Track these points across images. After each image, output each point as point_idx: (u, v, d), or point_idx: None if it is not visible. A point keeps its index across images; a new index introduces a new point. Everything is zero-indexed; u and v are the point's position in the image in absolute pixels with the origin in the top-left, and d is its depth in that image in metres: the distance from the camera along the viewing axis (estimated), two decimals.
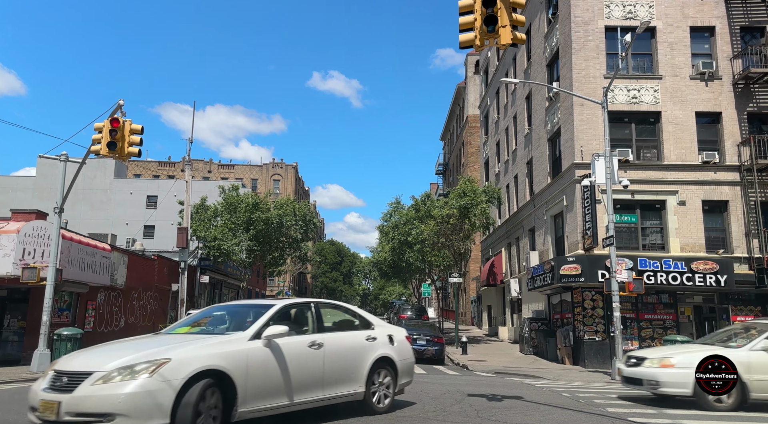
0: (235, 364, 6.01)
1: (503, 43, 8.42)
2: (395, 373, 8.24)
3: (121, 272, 26.20)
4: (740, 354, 9.36)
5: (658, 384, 9.55)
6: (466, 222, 28.20)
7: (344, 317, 8.34)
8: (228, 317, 7.66)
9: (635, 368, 10.19)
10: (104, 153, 12.86)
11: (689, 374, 8.90)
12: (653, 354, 10.28)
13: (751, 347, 9.65)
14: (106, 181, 51.16)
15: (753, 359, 9.38)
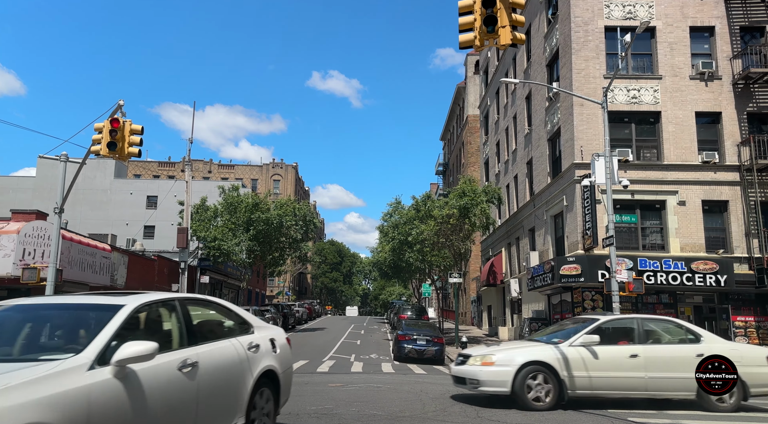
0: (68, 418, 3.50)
1: (503, 44, 8.43)
2: (277, 391, 6.07)
3: (122, 273, 26.24)
4: (558, 350, 9.07)
5: (479, 383, 9.17)
6: (466, 222, 28.18)
7: (217, 319, 5.93)
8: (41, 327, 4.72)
9: (461, 366, 9.69)
10: (104, 153, 12.87)
11: (509, 372, 8.85)
12: (477, 352, 9.84)
13: (570, 342, 9.20)
14: (106, 182, 51.16)
15: (571, 355, 9.01)
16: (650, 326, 9.81)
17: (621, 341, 9.38)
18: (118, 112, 13.32)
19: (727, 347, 9.26)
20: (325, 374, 15.48)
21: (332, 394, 10.31)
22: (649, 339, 9.50)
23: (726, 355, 8.18)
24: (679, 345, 9.51)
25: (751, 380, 9.02)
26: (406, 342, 21.10)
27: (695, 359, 8.30)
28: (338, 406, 8.81)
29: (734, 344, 10.04)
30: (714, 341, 9.50)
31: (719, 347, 9.10)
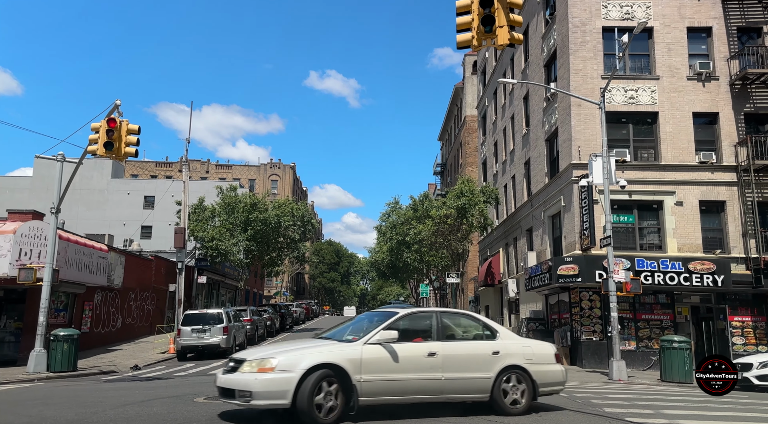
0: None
1: (500, 44, 8.43)
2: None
3: (118, 273, 26.17)
4: (352, 350, 7.49)
5: (251, 395, 6.96)
6: (464, 222, 28.26)
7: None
8: None
9: (230, 374, 7.39)
10: (101, 153, 12.84)
11: (291, 379, 6.95)
12: (255, 355, 7.55)
13: (366, 340, 7.65)
14: (103, 182, 51.10)
15: (366, 355, 7.47)
16: (447, 320, 8.73)
17: (418, 337, 8.22)
18: (115, 112, 13.29)
19: (520, 344, 8.65)
20: None
21: None
22: (447, 335, 8.45)
23: (519, 352, 8.36)
24: (476, 342, 8.54)
25: (541, 378, 8.38)
26: None
27: (491, 357, 8.10)
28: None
29: (527, 340, 9.10)
30: (509, 338, 8.64)
31: (513, 343, 8.49)
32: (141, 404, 8.93)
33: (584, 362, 19.78)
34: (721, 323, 20.66)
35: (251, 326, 26.33)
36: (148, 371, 17.77)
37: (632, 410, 9.10)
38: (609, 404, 9.77)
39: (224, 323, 21.18)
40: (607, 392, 12.05)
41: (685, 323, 20.59)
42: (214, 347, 20.87)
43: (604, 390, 12.61)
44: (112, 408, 8.53)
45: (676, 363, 15.80)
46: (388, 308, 9.68)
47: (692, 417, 8.64)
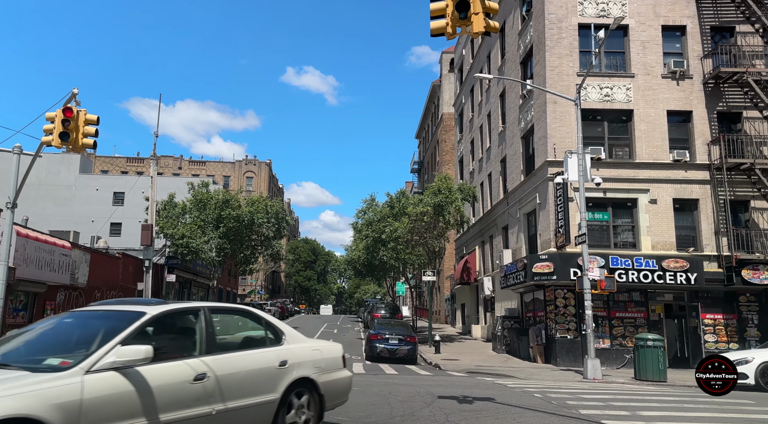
0: None
1: (476, 31, 8.06)
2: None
3: (83, 271, 25.24)
4: (62, 388, 4.27)
5: None
6: (441, 220, 27.97)
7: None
8: None
9: None
10: (56, 145, 12.15)
11: None
12: None
13: (90, 365, 4.58)
14: (70, 177, 49.59)
15: (92, 393, 4.43)
16: (219, 321, 6.19)
17: (177, 353, 5.39)
18: (72, 102, 12.60)
19: (309, 347, 6.66)
20: None
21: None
22: (219, 345, 5.80)
23: (308, 359, 6.40)
24: (258, 351, 6.07)
25: (331, 392, 6.59)
26: (378, 342, 20.76)
27: (277, 370, 5.93)
28: None
29: (315, 341, 7.15)
30: (296, 340, 6.57)
31: (302, 348, 6.50)
32: None
33: (558, 360, 19.67)
34: (693, 321, 20.77)
35: None
36: None
37: (608, 412, 8.87)
38: (585, 405, 9.54)
39: None
40: (582, 393, 11.85)
41: (659, 320, 20.65)
42: None
43: (579, 390, 12.41)
44: None
45: (651, 361, 15.74)
46: (127, 305, 5.64)
47: (669, 418, 8.44)
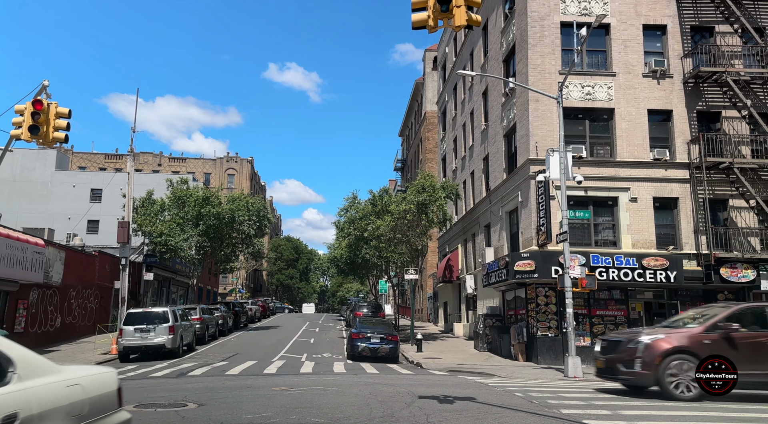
0: None
1: (457, 24, 7.91)
2: None
3: (57, 269, 24.66)
4: None
5: None
6: (424, 218, 27.86)
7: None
8: None
9: None
10: (26, 138, 11.74)
11: None
12: None
13: None
14: (46, 173, 48.54)
15: None
16: None
17: None
18: (42, 94, 12.19)
19: (62, 384, 4.17)
20: (272, 376, 14.72)
21: (274, 399, 9.61)
22: None
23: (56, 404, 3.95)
24: None
25: None
26: (359, 341, 20.57)
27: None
28: (277, 413, 8.14)
29: (76, 370, 4.58)
30: (36, 372, 4.02)
31: (45, 386, 3.99)
32: None
33: (540, 358, 19.68)
34: None
35: (201, 325, 25.25)
36: None
37: (590, 411, 8.80)
38: (566, 404, 9.46)
39: (170, 322, 20.13)
40: (563, 391, 11.80)
41: (639, 318, 20.75)
42: (158, 347, 19.81)
43: (561, 389, 12.36)
44: None
45: None
46: None
47: (650, 418, 8.39)
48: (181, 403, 9.07)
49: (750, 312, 11.15)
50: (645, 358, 10.28)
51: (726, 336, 10.26)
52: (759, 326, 10.73)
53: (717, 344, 10.17)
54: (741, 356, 9.90)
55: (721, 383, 6.65)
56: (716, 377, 6.68)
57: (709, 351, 9.88)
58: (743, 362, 9.80)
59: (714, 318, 10.73)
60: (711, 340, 10.24)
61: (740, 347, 10.17)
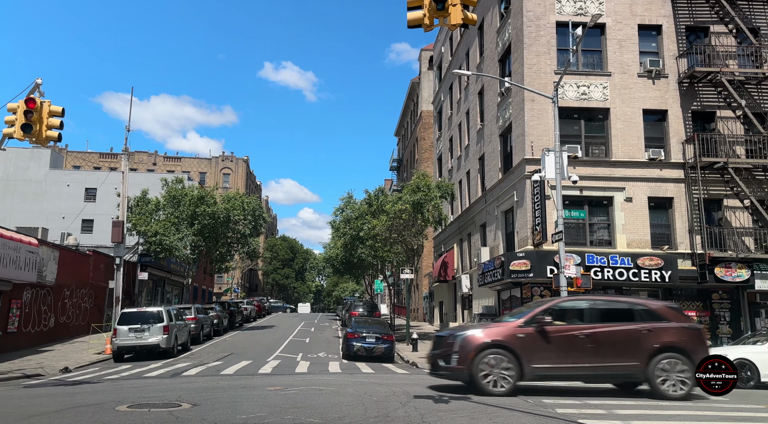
0: None
1: (453, 23, 7.90)
2: None
3: (51, 268, 24.51)
4: None
5: None
6: (419, 217, 27.88)
7: None
8: None
9: None
10: (18, 137, 11.65)
11: None
12: None
13: None
14: (40, 173, 48.31)
15: None
16: None
17: None
18: (35, 92, 12.10)
19: None
20: (267, 376, 14.67)
21: (269, 399, 9.57)
22: None
23: None
24: None
25: None
26: (355, 340, 20.57)
27: None
28: (272, 413, 8.10)
29: None
30: None
31: None
32: (51, 415, 7.99)
33: None
34: None
35: (196, 324, 25.17)
36: (79, 373, 16.56)
37: (585, 411, 8.79)
38: (561, 403, 9.45)
39: (165, 321, 20.05)
40: (558, 390, 11.79)
41: None
42: (153, 347, 19.73)
43: (556, 388, 12.35)
44: (15, 421, 7.56)
45: None
46: None
47: (645, 417, 8.39)
48: (175, 403, 9.02)
49: (565, 306, 11.08)
50: (461, 353, 10.14)
51: (540, 330, 10.16)
52: (575, 320, 10.63)
53: (531, 337, 10.11)
54: (554, 348, 10.03)
55: (721, 382, 6.64)
56: (716, 377, 6.66)
57: (523, 344, 9.93)
58: (556, 355, 10.10)
59: (530, 312, 10.65)
60: (525, 333, 10.15)
61: (553, 341, 10.12)
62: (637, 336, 10.22)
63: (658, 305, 11.17)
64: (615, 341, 10.25)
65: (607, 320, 10.56)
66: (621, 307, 11.05)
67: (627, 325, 10.44)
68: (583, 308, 10.98)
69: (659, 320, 10.53)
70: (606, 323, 10.47)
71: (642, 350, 10.08)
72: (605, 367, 10.17)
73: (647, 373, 10.03)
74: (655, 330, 10.26)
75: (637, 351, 10.09)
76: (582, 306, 11.09)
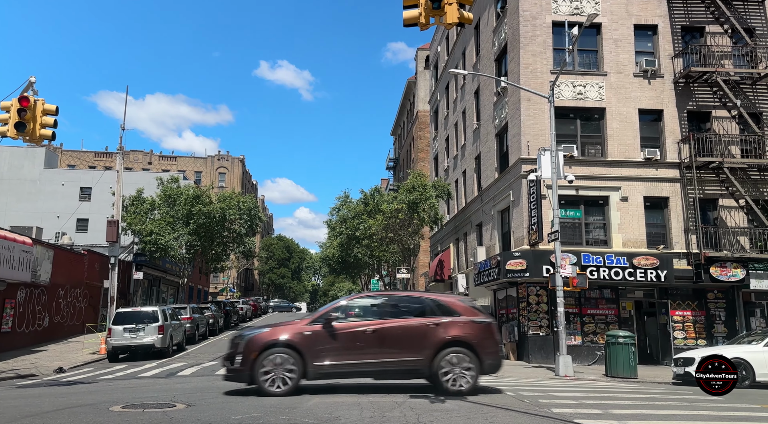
0: None
1: (449, 22, 7.87)
2: None
3: (46, 268, 24.43)
4: None
5: None
6: (415, 217, 27.90)
7: None
8: None
9: None
10: (12, 135, 11.57)
11: None
12: None
13: None
14: (35, 171, 48.07)
15: None
16: None
17: None
18: (29, 91, 12.02)
19: None
20: None
21: (263, 400, 9.53)
22: None
23: None
24: None
25: None
26: None
27: None
28: (267, 414, 8.06)
29: None
30: None
31: None
32: (45, 415, 7.93)
33: (531, 357, 19.71)
34: (663, 318, 21.04)
35: (191, 324, 25.10)
36: (73, 373, 16.48)
37: (581, 411, 8.79)
38: (557, 403, 9.46)
39: (160, 321, 19.98)
40: (554, 390, 11.80)
41: (629, 317, 20.86)
42: (148, 347, 19.67)
43: (552, 388, 12.37)
44: (8, 422, 7.50)
45: (621, 358, 15.84)
46: None
47: (641, 417, 8.39)
48: (170, 403, 8.97)
49: (357, 304, 10.89)
50: (244, 353, 9.86)
51: (327, 327, 9.96)
52: (367, 317, 10.40)
53: (318, 335, 9.91)
54: (340, 346, 9.84)
55: (721, 382, 6.64)
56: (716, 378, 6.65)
57: (308, 343, 9.74)
58: (342, 352, 9.83)
59: (322, 310, 10.55)
60: (312, 331, 9.95)
61: (340, 338, 9.94)
62: (424, 330, 10.00)
63: (450, 300, 10.83)
64: (401, 336, 10.04)
65: (398, 315, 10.34)
66: (413, 302, 10.89)
67: (415, 319, 10.23)
68: (376, 305, 10.74)
69: (450, 315, 10.25)
70: (396, 318, 10.26)
71: (428, 345, 9.88)
72: (390, 362, 9.97)
73: (432, 368, 9.84)
74: (443, 324, 10.04)
75: (423, 346, 9.89)
76: (375, 302, 10.88)
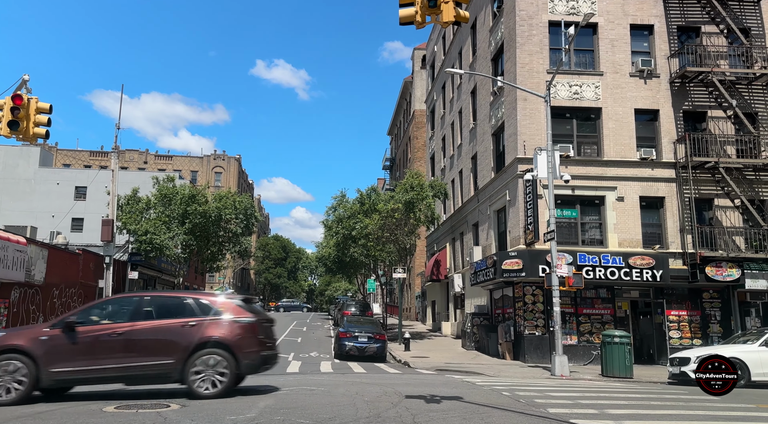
0: None
1: (445, 21, 7.83)
2: None
3: (40, 268, 24.23)
4: None
5: None
6: (412, 217, 27.86)
7: None
8: None
9: None
10: (5, 134, 11.47)
11: None
12: None
13: None
14: (29, 171, 47.89)
15: None
16: None
17: None
18: (23, 89, 11.93)
19: None
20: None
21: (259, 400, 9.47)
22: None
23: None
24: None
25: None
26: (347, 340, 20.52)
27: None
28: (262, 414, 8.01)
29: None
30: None
31: None
32: (37, 415, 7.86)
33: (527, 357, 19.71)
34: (658, 318, 21.07)
35: None
36: None
37: (577, 411, 8.77)
38: (553, 403, 9.44)
39: None
40: (550, 390, 11.79)
41: (625, 317, 20.88)
42: None
43: (547, 388, 12.35)
44: (1, 422, 7.43)
45: (617, 358, 15.85)
46: None
47: (637, 417, 8.38)
48: (164, 404, 8.91)
49: (109, 305, 10.45)
50: None
51: (67, 331, 9.34)
52: (118, 319, 9.76)
53: (56, 339, 9.23)
54: (83, 350, 9.22)
55: (721, 382, 6.64)
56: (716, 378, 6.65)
57: (44, 348, 9.09)
58: (83, 357, 9.17)
59: (69, 313, 9.98)
60: (49, 336, 9.32)
61: (82, 342, 9.29)
62: (178, 331, 9.39)
63: (212, 299, 10.16)
64: (151, 338, 9.41)
65: (155, 317, 9.67)
66: (173, 302, 10.16)
67: (171, 321, 9.55)
68: (131, 306, 10.06)
69: (211, 314, 9.66)
70: (150, 319, 9.60)
71: (180, 347, 9.28)
72: (137, 367, 9.29)
73: (183, 371, 9.22)
74: (201, 324, 9.44)
75: (175, 348, 9.28)
76: (128, 303, 10.24)
